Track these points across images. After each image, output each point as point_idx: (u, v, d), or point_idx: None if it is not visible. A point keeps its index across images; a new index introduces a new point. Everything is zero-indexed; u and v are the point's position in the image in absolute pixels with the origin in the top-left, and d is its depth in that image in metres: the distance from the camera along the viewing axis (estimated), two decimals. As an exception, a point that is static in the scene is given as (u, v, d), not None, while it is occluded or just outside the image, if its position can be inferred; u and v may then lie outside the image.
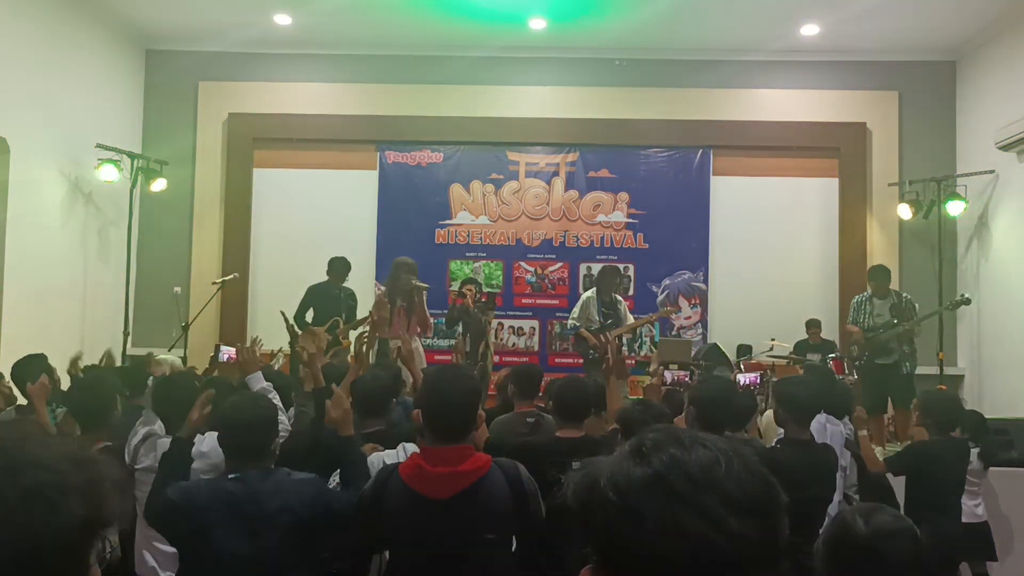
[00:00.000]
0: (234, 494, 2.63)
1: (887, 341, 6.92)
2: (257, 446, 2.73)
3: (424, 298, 7.10)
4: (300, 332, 6.28)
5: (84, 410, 3.37)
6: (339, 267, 7.56)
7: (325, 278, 7.57)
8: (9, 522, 0.88)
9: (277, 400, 3.77)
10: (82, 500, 0.93)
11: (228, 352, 4.91)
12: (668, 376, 5.85)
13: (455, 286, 8.83)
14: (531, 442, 3.70)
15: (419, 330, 7.08)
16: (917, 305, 7.20)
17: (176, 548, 2.77)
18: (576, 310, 7.60)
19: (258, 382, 3.74)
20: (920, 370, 7.47)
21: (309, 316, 7.49)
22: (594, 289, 7.63)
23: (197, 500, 2.65)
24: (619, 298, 7.64)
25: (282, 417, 3.66)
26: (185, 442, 3.02)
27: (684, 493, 0.89)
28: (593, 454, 3.28)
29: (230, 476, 2.70)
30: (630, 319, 7.58)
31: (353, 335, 7.52)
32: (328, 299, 7.44)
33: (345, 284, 7.60)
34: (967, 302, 7.21)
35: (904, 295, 7.17)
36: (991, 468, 4.87)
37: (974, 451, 4.66)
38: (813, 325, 8.06)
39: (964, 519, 4.54)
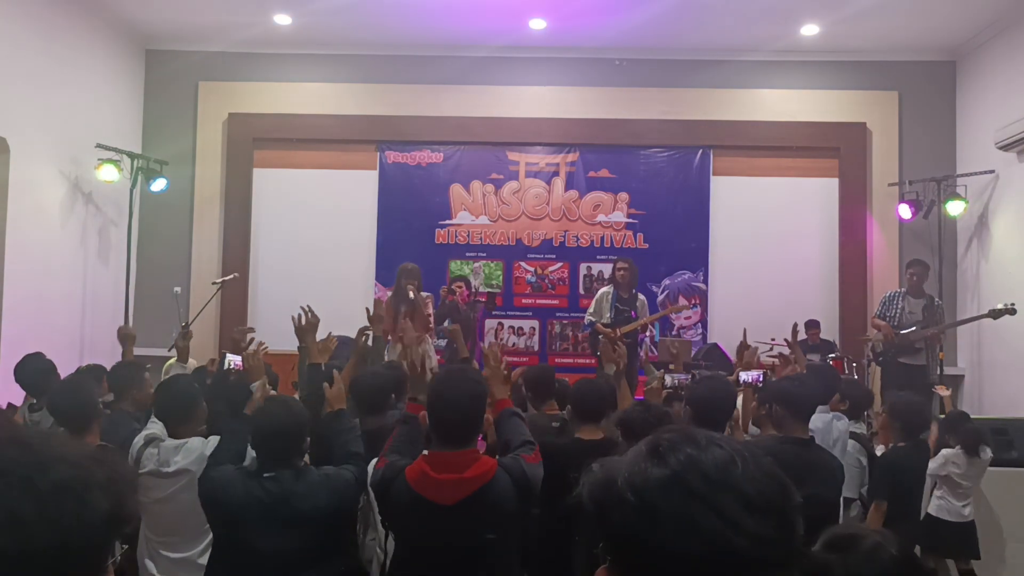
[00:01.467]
0: (269, 493, 2.72)
1: (915, 341, 6.89)
2: (289, 450, 2.82)
3: (426, 302, 7.13)
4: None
5: (66, 413, 3.37)
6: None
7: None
8: (42, 516, 0.89)
9: None
10: (105, 495, 0.94)
11: (234, 360, 4.89)
12: (668, 380, 5.85)
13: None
14: (552, 443, 3.69)
15: (424, 334, 7.17)
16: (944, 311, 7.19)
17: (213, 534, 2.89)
18: (592, 306, 7.60)
19: (262, 390, 3.75)
20: (920, 370, 7.48)
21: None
22: (610, 286, 7.61)
23: (232, 495, 2.74)
24: (640, 295, 7.62)
25: None
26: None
27: (701, 493, 0.90)
28: (615, 451, 3.30)
29: (265, 475, 2.77)
30: (647, 315, 7.55)
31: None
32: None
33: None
34: (1012, 311, 6.79)
35: (937, 300, 7.15)
36: (990, 468, 4.83)
37: (956, 451, 4.64)
38: (812, 326, 8.07)
39: (951, 518, 4.60)
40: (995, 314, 6.86)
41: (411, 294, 6.90)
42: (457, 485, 2.49)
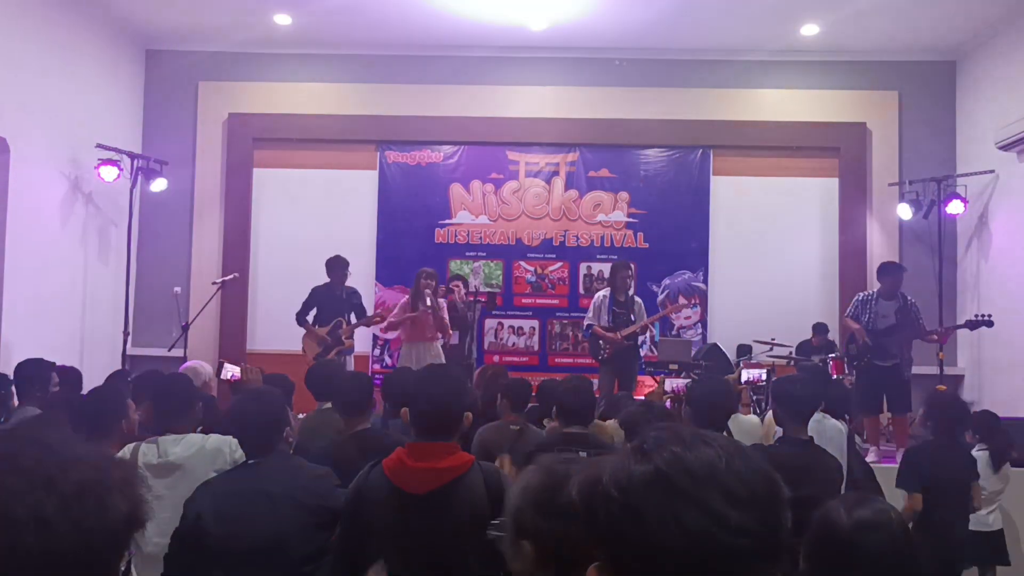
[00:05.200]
0: (252, 475, 2.76)
1: (889, 346, 6.86)
2: (267, 439, 2.84)
3: (442, 305, 7.38)
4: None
5: (92, 417, 3.36)
6: (335, 265, 7.61)
7: (327, 279, 7.64)
8: (66, 516, 0.90)
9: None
10: (123, 497, 0.95)
11: (232, 371, 4.87)
12: (669, 384, 5.86)
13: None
14: (543, 439, 3.86)
15: (439, 335, 7.42)
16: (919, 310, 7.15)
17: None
18: (590, 311, 7.53)
19: None
20: (920, 370, 7.47)
21: (311, 317, 7.56)
22: (607, 289, 7.54)
23: (217, 488, 2.74)
24: (636, 298, 7.57)
25: None
26: None
27: (685, 489, 0.91)
28: (600, 446, 3.40)
29: (248, 462, 2.83)
30: (644, 318, 7.47)
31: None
32: (331, 300, 7.54)
33: (348, 284, 7.68)
34: (989, 324, 6.86)
35: (909, 298, 7.13)
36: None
37: (983, 454, 4.58)
38: (820, 331, 8.02)
39: (975, 528, 4.40)
40: (972, 325, 6.97)
41: (428, 300, 7.15)
42: (430, 474, 2.53)
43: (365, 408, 3.72)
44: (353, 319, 7.62)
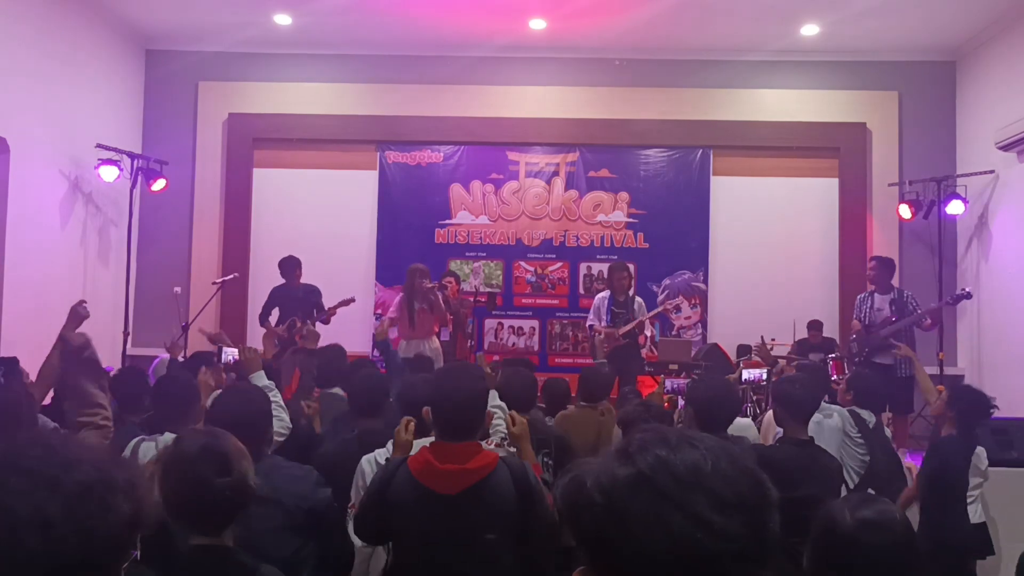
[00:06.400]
0: None
1: (886, 337, 6.87)
2: (250, 440, 2.67)
3: (440, 298, 7.35)
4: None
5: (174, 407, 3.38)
6: (286, 266, 7.71)
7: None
8: (70, 516, 0.90)
9: (278, 398, 3.78)
10: (126, 498, 0.96)
11: (231, 353, 4.89)
12: (669, 384, 5.85)
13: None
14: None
15: (437, 328, 7.45)
16: (917, 301, 7.17)
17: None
18: (592, 311, 7.65)
19: (260, 381, 3.75)
20: (920, 370, 7.47)
21: (274, 317, 7.61)
22: (606, 291, 7.65)
23: None
24: (637, 298, 7.62)
25: (283, 415, 3.67)
26: None
27: (669, 492, 0.90)
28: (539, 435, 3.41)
29: None
30: (644, 316, 7.52)
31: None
32: (289, 300, 7.61)
33: (305, 281, 7.72)
34: (968, 296, 7.09)
35: (906, 292, 7.14)
36: (990, 468, 4.78)
37: (981, 450, 4.58)
38: (814, 327, 8.04)
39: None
40: (954, 299, 7.25)
41: (438, 295, 7.23)
42: (460, 475, 2.55)
43: (377, 409, 3.71)
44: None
